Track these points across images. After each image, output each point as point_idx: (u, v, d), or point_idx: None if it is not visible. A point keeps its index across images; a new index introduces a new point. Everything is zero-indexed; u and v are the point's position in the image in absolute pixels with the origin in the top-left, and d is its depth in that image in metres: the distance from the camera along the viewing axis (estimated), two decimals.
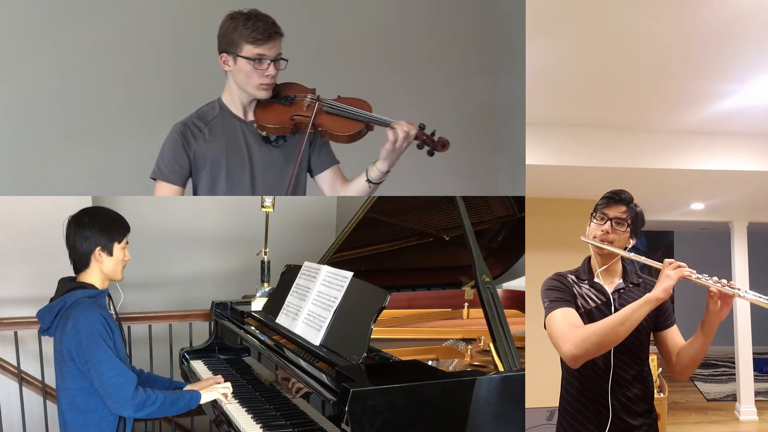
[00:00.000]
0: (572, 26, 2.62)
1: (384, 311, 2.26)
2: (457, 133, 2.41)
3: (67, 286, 2.27)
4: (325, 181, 2.49)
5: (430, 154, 2.34)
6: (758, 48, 2.70)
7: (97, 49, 3.45)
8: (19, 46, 3.33)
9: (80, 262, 2.27)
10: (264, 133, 2.38)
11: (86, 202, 3.36)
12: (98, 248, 2.25)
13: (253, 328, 2.87)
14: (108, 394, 2.13)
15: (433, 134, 2.34)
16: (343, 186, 2.48)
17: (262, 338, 2.67)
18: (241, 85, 2.35)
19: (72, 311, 2.17)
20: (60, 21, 3.39)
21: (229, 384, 2.45)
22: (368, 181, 2.37)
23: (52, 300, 2.28)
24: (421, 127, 2.33)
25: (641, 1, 2.41)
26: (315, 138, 2.43)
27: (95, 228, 2.25)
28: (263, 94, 2.35)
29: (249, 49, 2.28)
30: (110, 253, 2.27)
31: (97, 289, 2.27)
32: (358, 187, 2.42)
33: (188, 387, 2.51)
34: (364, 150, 2.42)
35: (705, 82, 3.10)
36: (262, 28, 2.27)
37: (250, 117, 2.40)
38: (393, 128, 2.28)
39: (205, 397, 2.37)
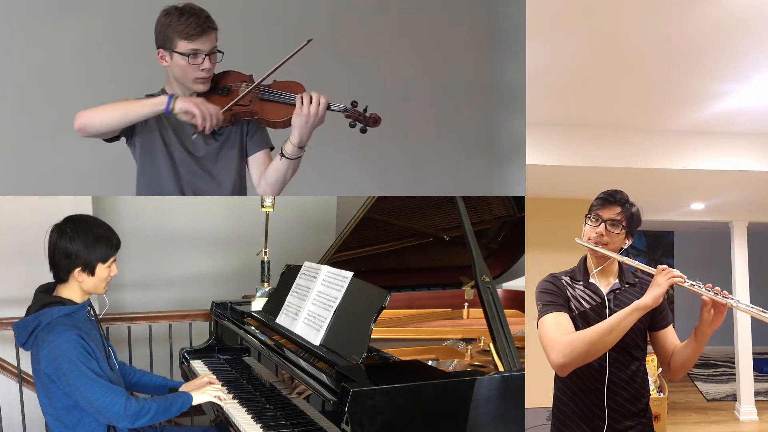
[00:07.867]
0: (572, 26, 2.62)
1: (384, 311, 2.26)
2: (457, 132, 2.40)
3: (42, 300, 2.12)
4: (255, 161, 2.44)
5: (363, 131, 2.32)
6: (758, 48, 2.70)
7: (97, 47, 3.45)
8: (19, 45, 3.33)
9: (58, 275, 2.13)
10: None
11: (86, 202, 3.36)
12: (78, 269, 2.10)
13: (253, 328, 2.87)
14: (99, 412, 2.05)
15: (365, 110, 2.32)
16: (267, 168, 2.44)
17: (262, 338, 2.67)
18: (179, 80, 2.34)
19: (47, 335, 2.03)
20: (59, 19, 3.39)
21: (219, 385, 2.41)
22: (281, 155, 2.33)
23: (27, 311, 2.14)
24: (353, 105, 2.31)
25: (641, 1, 2.41)
26: (250, 123, 2.42)
27: (78, 244, 2.09)
28: (201, 88, 2.34)
29: (183, 45, 2.27)
30: (92, 273, 2.12)
31: (75, 304, 2.12)
32: (275, 165, 2.36)
33: (183, 387, 2.48)
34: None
35: (705, 82, 3.10)
36: (194, 23, 2.26)
37: None
38: (300, 96, 2.27)
39: (197, 399, 2.34)
